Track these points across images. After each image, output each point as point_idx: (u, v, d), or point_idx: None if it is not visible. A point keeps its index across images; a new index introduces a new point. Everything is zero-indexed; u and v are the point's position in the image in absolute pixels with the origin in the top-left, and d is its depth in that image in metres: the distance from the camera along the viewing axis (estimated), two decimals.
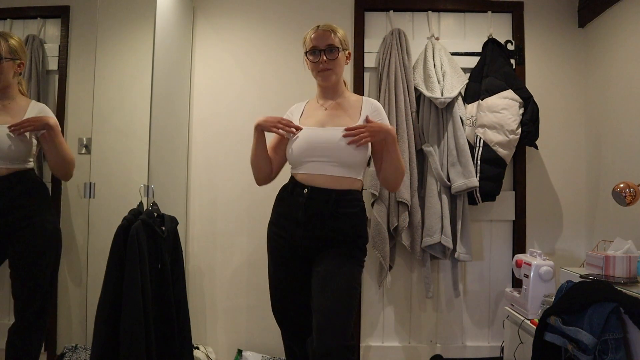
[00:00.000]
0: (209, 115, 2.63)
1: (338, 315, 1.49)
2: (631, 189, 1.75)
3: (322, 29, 1.68)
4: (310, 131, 1.66)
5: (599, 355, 1.44)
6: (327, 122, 1.68)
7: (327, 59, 1.66)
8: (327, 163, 1.62)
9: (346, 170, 1.63)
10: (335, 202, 1.60)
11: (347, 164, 1.62)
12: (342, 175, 1.62)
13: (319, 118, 1.70)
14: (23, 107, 1.98)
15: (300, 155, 1.65)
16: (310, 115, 1.74)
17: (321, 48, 1.66)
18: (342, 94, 1.75)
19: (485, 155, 2.37)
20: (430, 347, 2.58)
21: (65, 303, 2.41)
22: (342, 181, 1.63)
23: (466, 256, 2.39)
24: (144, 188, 2.03)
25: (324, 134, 1.64)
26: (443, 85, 2.39)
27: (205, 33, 2.65)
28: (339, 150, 1.60)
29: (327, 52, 1.66)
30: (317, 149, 1.62)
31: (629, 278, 1.75)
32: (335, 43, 1.66)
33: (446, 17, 2.64)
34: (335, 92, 1.74)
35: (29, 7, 2.49)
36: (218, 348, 2.58)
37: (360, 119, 1.67)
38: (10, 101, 1.98)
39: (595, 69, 2.54)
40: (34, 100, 2.11)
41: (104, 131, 2.26)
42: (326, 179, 1.62)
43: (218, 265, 2.60)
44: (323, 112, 1.72)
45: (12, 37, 1.96)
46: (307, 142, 1.64)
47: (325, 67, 1.67)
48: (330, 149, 1.61)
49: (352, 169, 1.64)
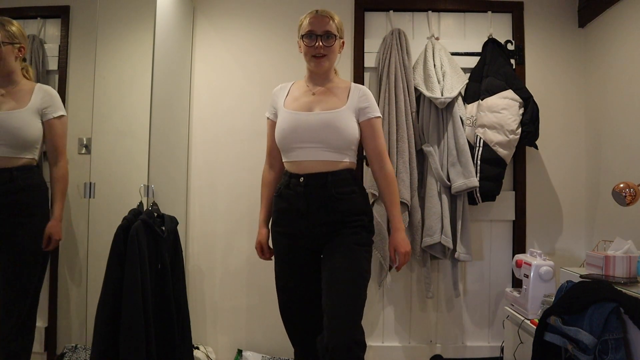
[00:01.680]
0: (209, 115, 2.63)
1: (348, 311, 1.49)
2: (631, 189, 1.74)
3: (321, 14, 1.66)
4: (295, 115, 1.65)
5: (599, 355, 1.44)
6: (314, 106, 1.66)
7: (323, 45, 1.64)
8: (316, 148, 1.61)
9: (336, 153, 1.63)
10: (332, 184, 1.60)
11: (336, 147, 1.62)
12: (333, 159, 1.62)
13: (306, 102, 1.68)
14: (28, 92, 1.96)
15: (288, 140, 1.65)
16: (296, 98, 1.72)
17: (318, 33, 1.64)
18: (331, 80, 1.74)
19: (485, 155, 2.37)
20: (430, 347, 2.58)
21: (65, 303, 2.41)
22: (334, 164, 1.63)
23: (466, 256, 2.39)
24: (144, 188, 2.03)
25: (312, 119, 1.63)
26: (443, 85, 2.39)
27: (205, 33, 2.65)
28: (325, 133, 1.60)
29: (323, 38, 1.64)
30: (304, 134, 1.62)
31: (629, 278, 1.75)
32: (332, 30, 1.65)
33: (446, 17, 2.64)
34: (325, 78, 1.73)
35: (29, 7, 2.49)
36: (218, 348, 2.58)
37: (347, 104, 1.66)
38: (14, 86, 1.95)
39: (595, 69, 2.54)
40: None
41: (103, 131, 2.25)
42: (318, 164, 1.62)
43: (218, 265, 2.60)
44: (311, 96, 1.70)
45: (12, 23, 1.95)
46: (294, 126, 1.63)
47: (320, 53, 1.65)
48: (318, 133, 1.61)
49: (341, 151, 1.64)
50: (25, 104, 1.92)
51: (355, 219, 1.62)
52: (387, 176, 1.70)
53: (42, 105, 1.96)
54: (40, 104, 1.96)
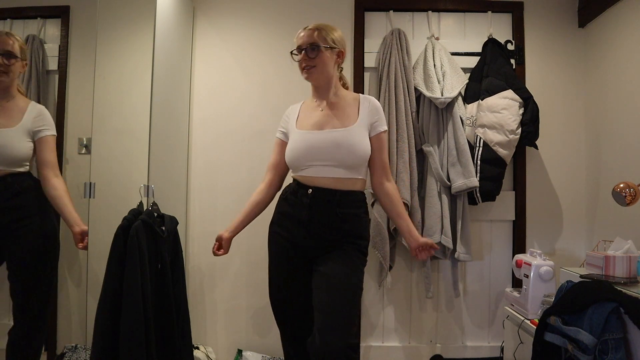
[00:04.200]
0: (209, 115, 2.63)
1: (340, 313, 1.49)
2: (631, 189, 1.74)
3: (308, 28, 1.70)
4: (308, 135, 1.66)
5: (599, 355, 1.44)
6: (325, 123, 1.67)
7: (308, 57, 1.67)
8: (328, 166, 1.62)
9: (348, 171, 1.63)
10: (338, 202, 1.61)
11: (348, 165, 1.63)
12: (344, 177, 1.63)
13: (316, 120, 1.69)
14: (22, 108, 1.98)
15: (300, 159, 1.65)
16: (306, 116, 1.74)
17: (303, 47, 1.68)
18: (336, 92, 1.74)
19: (485, 155, 2.37)
20: (430, 347, 2.58)
21: (65, 303, 2.41)
22: (345, 182, 1.63)
23: (466, 256, 2.39)
24: (144, 188, 2.03)
25: (323, 137, 1.64)
26: (443, 85, 2.39)
27: (205, 33, 2.65)
28: (339, 152, 1.61)
29: (308, 50, 1.67)
30: (317, 153, 1.63)
31: (629, 278, 1.75)
32: (317, 41, 1.66)
33: (446, 17, 2.64)
34: (327, 90, 1.73)
35: (29, 7, 2.49)
36: (218, 348, 2.58)
37: (359, 119, 1.66)
38: (9, 100, 1.98)
39: (595, 69, 2.54)
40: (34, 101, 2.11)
41: (103, 131, 2.25)
42: (329, 181, 1.63)
43: (218, 266, 2.60)
44: (319, 113, 1.71)
45: (18, 39, 1.98)
46: (305, 146, 1.64)
47: (307, 65, 1.67)
48: (331, 152, 1.61)
49: (354, 169, 1.64)
50: (16, 123, 1.93)
51: (352, 240, 1.63)
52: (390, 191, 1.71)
53: (33, 126, 1.98)
54: (32, 125, 1.97)
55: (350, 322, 1.51)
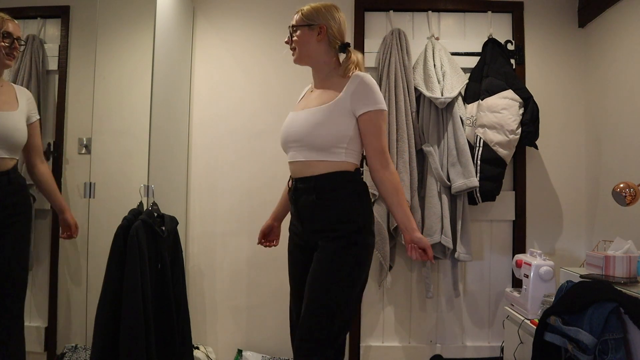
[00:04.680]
0: (210, 115, 2.63)
1: (311, 316, 1.45)
2: (631, 189, 1.74)
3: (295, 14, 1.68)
4: (289, 117, 1.63)
5: (599, 355, 1.44)
6: (306, 105, 1.61)
7: (290, 40, 1.66)
8: (300, 148, 1.53)
9: (320, 154, 1.49)
10: (314, 189, 1.49)
11: (317, 147, 1.49)
12: (316, 159, 1.49)
13: (305, 102, 1.66)
14: (12, 93, 1.94)
15: (282, 142, 1.63)
16: (303, 99, 1.71)
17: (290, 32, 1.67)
18: (330, 74, 1.61)
19: (485, 155, 2.37)
20: (430, 347, 2.58)
21: (65, 303, 2.41)
22: (318, 165, 1.49)
23: (466, 256, 2.39)
24: (144, 188, 2.03)
25: (296, 118, 1.58)
26: (443, 85, 2.39)
27: (205, 33, 2.65)
28: (307, 133, 1.50)
29: (291, 32, 1.67)
30: (290, 135, 1.57)
31: (629, 278, 1.74)
32: (296, 22, 1.65)
33: (446, 17, 2.64)
34: (319, 72, 1.64)
35: (29, 7, 2.49)
36: (218, 348, 2.58)
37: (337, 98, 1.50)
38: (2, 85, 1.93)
39: (595, 69, 2.54)
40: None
41: (103, 131, 2.26)
42: (302, 166, 1.52)
43: (218, 266, 2.60)
44: (309, 95, 1.67)
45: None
46: (284, 129, 1.61)
47: (290, 47, 1.67)
48: (299, 132, 1.53)
49: (325, 150, 1.48)
50: (15, 106, 1.90)
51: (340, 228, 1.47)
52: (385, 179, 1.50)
53: (28, 108, 1.96)
54: (27, 108, 1.96)
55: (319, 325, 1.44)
